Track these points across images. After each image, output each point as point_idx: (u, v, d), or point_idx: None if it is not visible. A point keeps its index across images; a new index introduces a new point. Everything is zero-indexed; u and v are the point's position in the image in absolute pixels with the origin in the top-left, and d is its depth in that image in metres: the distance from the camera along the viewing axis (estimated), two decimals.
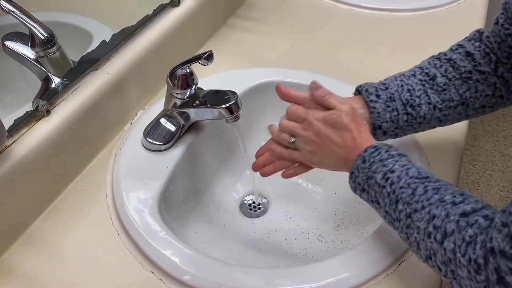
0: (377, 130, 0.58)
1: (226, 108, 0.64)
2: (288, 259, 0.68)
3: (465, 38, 0.60)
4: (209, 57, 0.61)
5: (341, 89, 0.78)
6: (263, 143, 0.64)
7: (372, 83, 0.60)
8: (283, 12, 1.05)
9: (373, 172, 0.50)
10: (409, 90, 0.57)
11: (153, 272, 0.55)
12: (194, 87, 0.66)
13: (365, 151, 0.51)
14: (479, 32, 0.58)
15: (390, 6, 1.04)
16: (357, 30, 0.99)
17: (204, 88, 0.69)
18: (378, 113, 0.57)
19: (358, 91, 0.61)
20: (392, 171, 0.48)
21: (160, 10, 0.82)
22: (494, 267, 0.37)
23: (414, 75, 0.59)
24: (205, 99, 0.67)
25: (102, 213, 0.62)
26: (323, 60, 0.90)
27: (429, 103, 0.57)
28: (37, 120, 0.61)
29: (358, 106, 0.58)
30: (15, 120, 0.59)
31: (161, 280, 0.55)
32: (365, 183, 0.51)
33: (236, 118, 0.66)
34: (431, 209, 0.44)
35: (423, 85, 0.57)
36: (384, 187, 0.48)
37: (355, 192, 0.54)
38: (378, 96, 0.57)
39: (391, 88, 0.58)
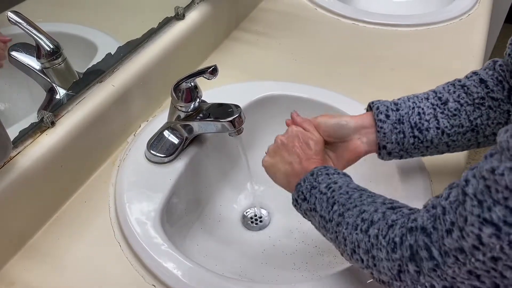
0: (381, 149, 0.59)
1: (230, 121, 0.65)
2: (289, 273, 0.68)
3: (481, 68, 0.60)
4: (213, 71, 0.61)
5: (344, 103, 0.79)
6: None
7: (384, 102, 0.60)
8: (286, 26, 1.06)
9: (318, 182, 0.53)
10: (419, 113, 0.58)
11: (154, 286, 0.55)
12: (198, 100, 0.67)
13: (315, 168, 0.55)
14: (494, 61, 0.59)
15: (393, 21, 1.05)
16: (360, 44, 1.00)
17: (208, 101, 0.70)
18: (385, 133, 0.58)
19: (370, 107, 0.61)
20: (336, 183, 0.52)
21: (165, 23, 0.83)
22: (410, 243, 0.40)
23: (427, 98, 0.59)
24: (209, 112, 0.67)
25: (105, 225, 0.62)
26: (326, 74, 0.90)
27: (438, 128, 0.57)
28: (42, 132, 0.62)
29: (367, 123, 0.59)
30: (20, 132, 0.59)
31: None
32: (308, 192, 0.53)
33: (239, 131, 0.66)
34: (362, 207, 0.48)
35: (434, 109, 0.58)
36: (325, 193, 0.52)
37: (296, 203, 0.56)
38: (387, 116, 0.58)
39: (401, 110, 0.58)
